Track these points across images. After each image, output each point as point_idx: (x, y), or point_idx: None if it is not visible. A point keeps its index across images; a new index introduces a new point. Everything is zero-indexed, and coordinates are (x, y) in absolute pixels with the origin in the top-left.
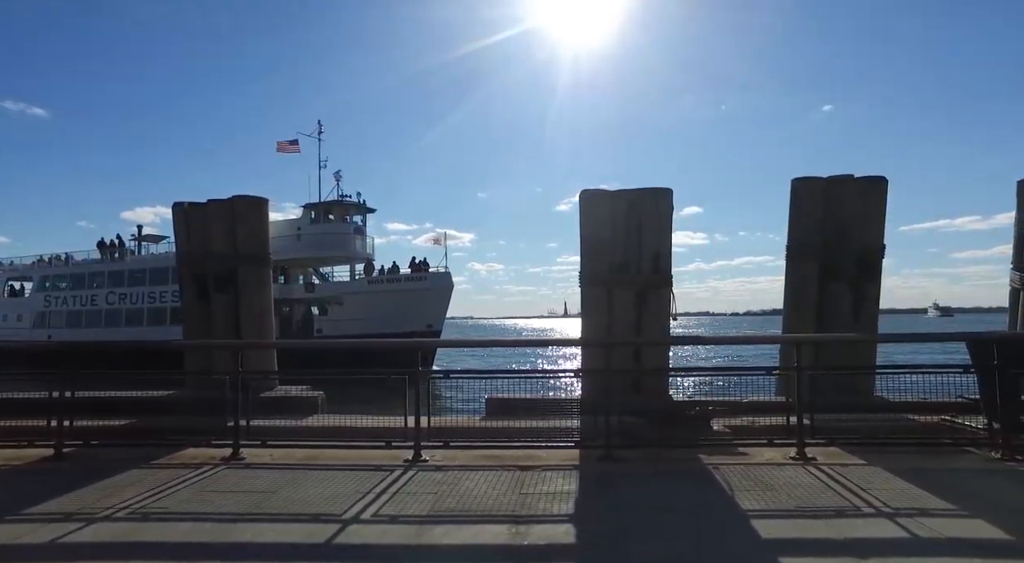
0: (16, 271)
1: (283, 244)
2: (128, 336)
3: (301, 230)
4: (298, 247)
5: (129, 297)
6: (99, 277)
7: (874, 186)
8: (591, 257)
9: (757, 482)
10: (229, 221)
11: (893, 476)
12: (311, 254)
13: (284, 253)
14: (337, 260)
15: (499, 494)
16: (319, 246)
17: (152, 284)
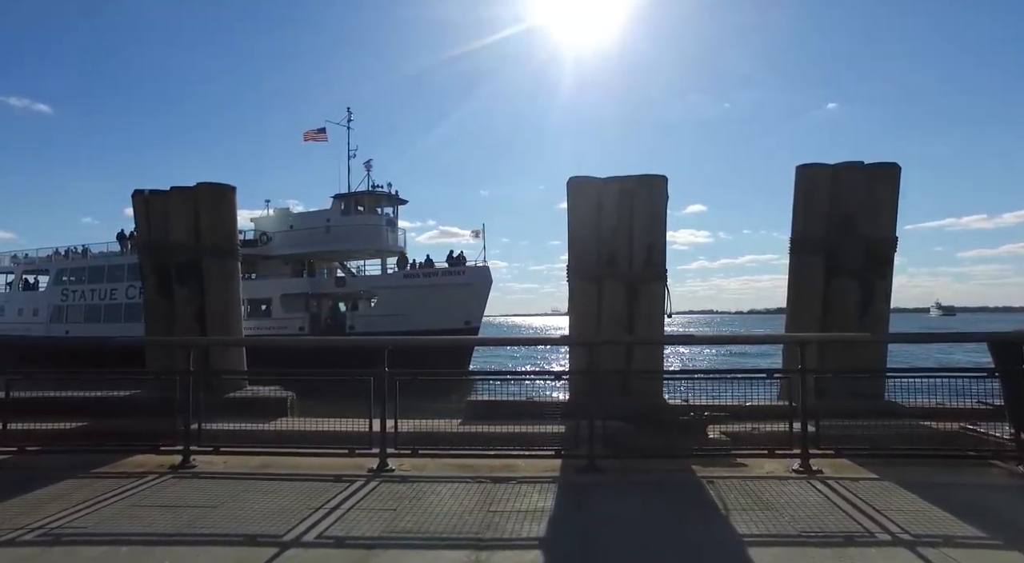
0: (32, 264)
1: (311, 237)
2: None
3: (330, 222)
4: (327, 240)
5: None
6: (119, 271)
7: (885, 173)
8: (579, 249)
9: (756, 500)
10: (193, 210)
11: (910, 494)
12: (341, 247)
13: (312, 246)
14: (368, 254)
15: (465, 511)
16: (349, 239)
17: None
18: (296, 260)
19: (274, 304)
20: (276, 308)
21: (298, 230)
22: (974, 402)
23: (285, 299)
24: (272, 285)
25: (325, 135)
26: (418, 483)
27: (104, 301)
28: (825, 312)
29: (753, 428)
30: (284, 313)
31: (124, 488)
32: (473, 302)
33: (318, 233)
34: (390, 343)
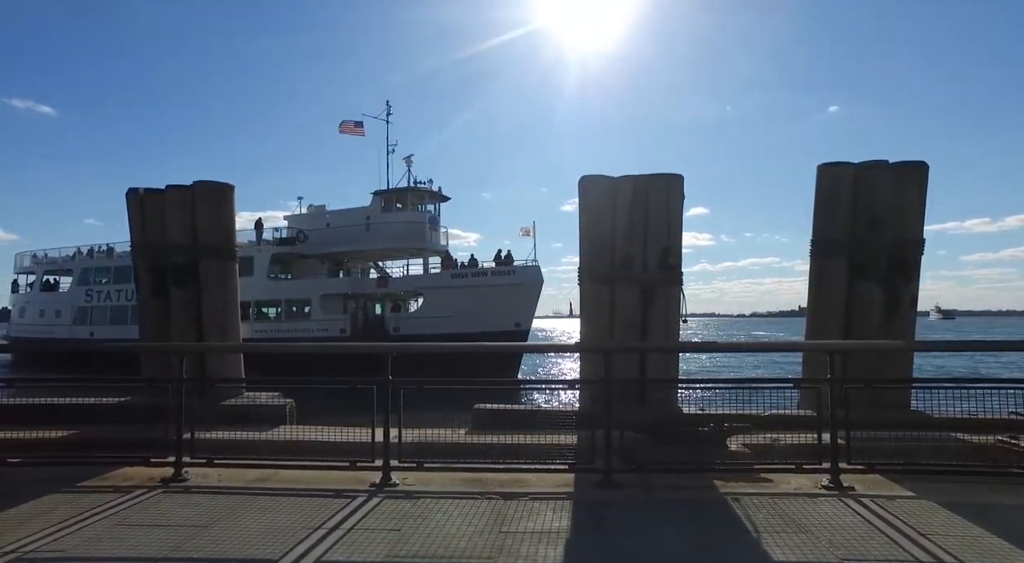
0: (54, 264)
1: (350, 235)
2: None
3: (370, 219)
4: (367, 238)
5: None
6: None
7: (912, 172)
8: (591, 250)
9: (788, 520)
10: (189, 209)
11: (955, 516)
12: (381, 246)
13: (351, 244)
14: (410, 253)
15: (474, 532)
16: (390, 237)
17: None
18: (333, 259)
19: (313, 305)
20: (316, 309)
21: (336, 228)
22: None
23: (325, 300)
24: (311, 285)
25: (362, 129)
26: (423, 499)
27: (131, 302)
28: (848, 318)
29: (774, 439)
30: (324, 315)
31: (110, 504)
32: (523, 303)
33: (357, 231)
34: (393, 349)
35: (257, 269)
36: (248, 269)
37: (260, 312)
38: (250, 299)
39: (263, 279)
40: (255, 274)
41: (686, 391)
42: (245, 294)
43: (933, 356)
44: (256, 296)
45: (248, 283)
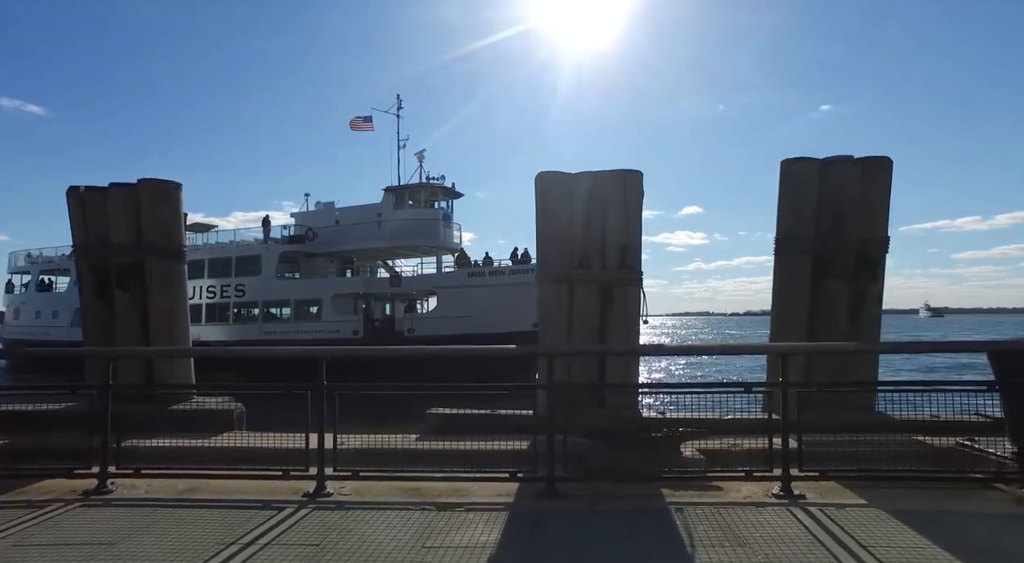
0: (51, 263)
1: (361, 232)
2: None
3: (382, 217)
4: (378, 236)
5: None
6: None
7: (877, 168)
8: (548, 249)
9: (728, 533)
10: (134, 208)
11: (903, 525)
12: (393, 244)
13: (362, 242)
14: (422, 251)
15: (396, 548)
16: (403, 235)
17: (212, 277)
18: (342, 258)
19: (324, 306)
20: (327, 310)
21: (345, 226)
22: (972, 415)
23: (337, 300)
24: (322, 285)
25: (371, 124)
26: (353, 511)
27: None
28: (813, 317)
29: (733, 444)
30: (336, 316)
31: (15, 521)
32: None
33: (368, 229)
34: (329, 353)
35: (265, 268)
36: (255, 268)
37: (269, 312)
38: (258, 299)
39: (271, 278)
40: (263, 273)
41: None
42: (253, 294)
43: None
44: (264, 296)
45: (256, 283)
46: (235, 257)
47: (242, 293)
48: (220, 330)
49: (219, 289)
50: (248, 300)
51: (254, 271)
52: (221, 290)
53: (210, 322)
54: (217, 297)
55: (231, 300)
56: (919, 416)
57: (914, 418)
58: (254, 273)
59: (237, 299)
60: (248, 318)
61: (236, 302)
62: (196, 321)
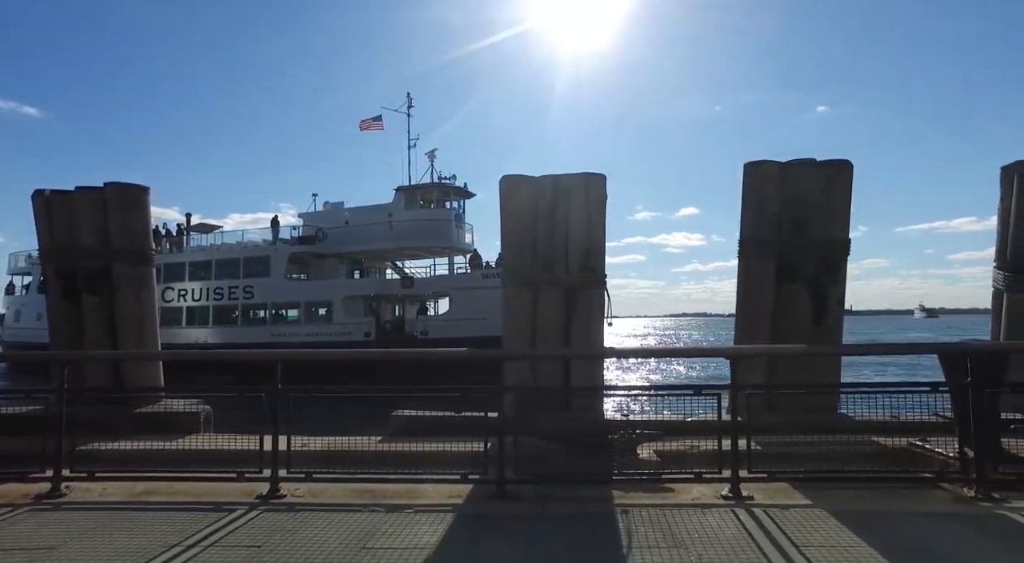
0: None
1: (372, 233)
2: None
3: (393, 217)
4: (389, 236)
5: (190, 293)
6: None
7: (837, 171)
8: (513, 253)
9: (667, 534)
10: (101, 212)
11: (839, 525)
12: (405, 244)
13: (373, 243)
14: (435, 252)
15: (336, 548)
16: (414, 235)
17: (219, 278)
18: (350, 258)
19: (335, 307)
20: (338, 312)
21: (355, 226)
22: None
23: (348, 302)
24: (332, 286)
25: (381, 123)
26: (303, 512)
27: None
28: (776, 319)
29: (692, 446)
30: (347, 317)
31: None
32: None
33: (379, 229)
34: (282, 356)
35: (274, 269)
36: (264, 269)
37: (278, 314)
38: (267, 300)
39: (280, 279)
40: (272, 274)
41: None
42: (261, 295)
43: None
44: (273, 297)
45: (265, 284)
46: (243, 258)
47: (250, 295)
48: (227, 332)
49: (226, 290)
50: (256, 302)
51: (263, 272)
52: (229, 291)
53: (217, 324)
54: (224, 298)
55: (239, 302)
56: (879, 417)
57: (872, 419)
58: (263, 274)
59: (245, 301)
60: (256, 320)
61: (244, 304)
62: (203, 323)
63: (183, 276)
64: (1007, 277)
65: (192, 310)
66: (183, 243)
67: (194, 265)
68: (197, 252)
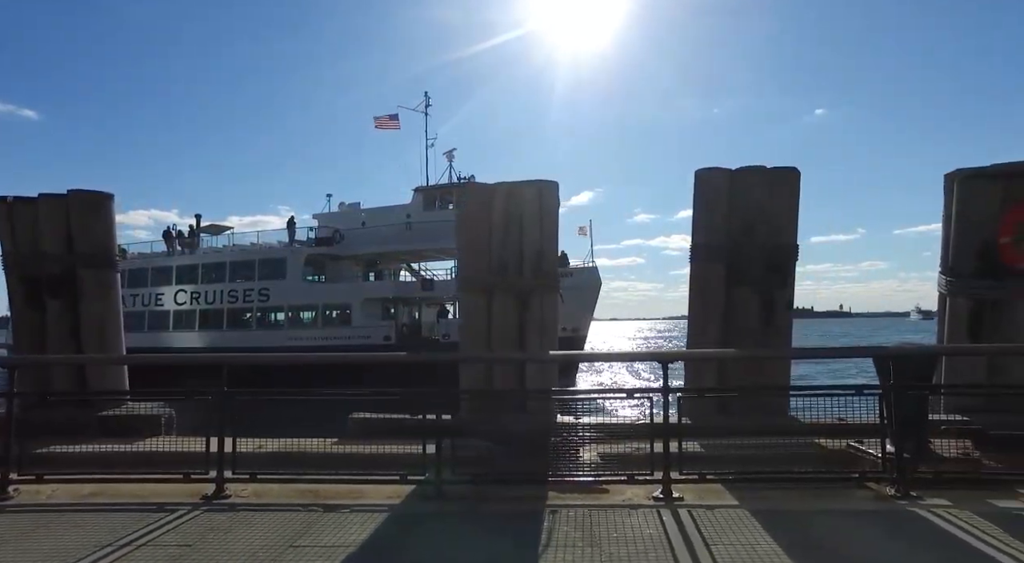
0: None
1: (390, 234)
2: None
3: (411, 218)
4: (408, 238)
5: (204, 296)
6: (164, 273)
7: (785, 178)
8: (468, 258)
9: (587, 533)
10: (64, 219)
11: (755, 524)
12: (424, 246)
13: (391, 245)
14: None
15: (264, 547)
16: (434, 236)
17: (233, 280)
18: (366, 260)
19: (354, 311)
20: (357, 315)
21: (372, 227)
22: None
23: (367, 305)
24: (351, 289)
25: (397, 122)
26: (243, 512)
27: (148, 308)
28: (726, 323)
29: (638, 449)
30: (366, 321)
31: None
32: (580, 307)
33: (397, 230)
34: (228, 359)
35: (291, 271)
36: (280, 272)
37: (297, 317)
38: (283, 303)
39: (298, 282)
40: (288, 277)
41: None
42: (278, 298)
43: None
44: (290, 300)
45: (281, 286)
46: (258, 259)
47: (266, 297)
48: (242, 336)
49: (241, 293)
50: (272, 304)
51: (279, 274)
52: (243, 294)
53: (232, 328)
54: (239, 301)
55: (254, 304)
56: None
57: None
58: (279, 276)
59: (261, 303)
60: (272, 324)
61: (259, 307)
62: (217, 326)
63: (196, 278)
64: (948, 282)
65: (206, 313)
66: (195, 245)
67: (207, 267)
68: (210, 254)
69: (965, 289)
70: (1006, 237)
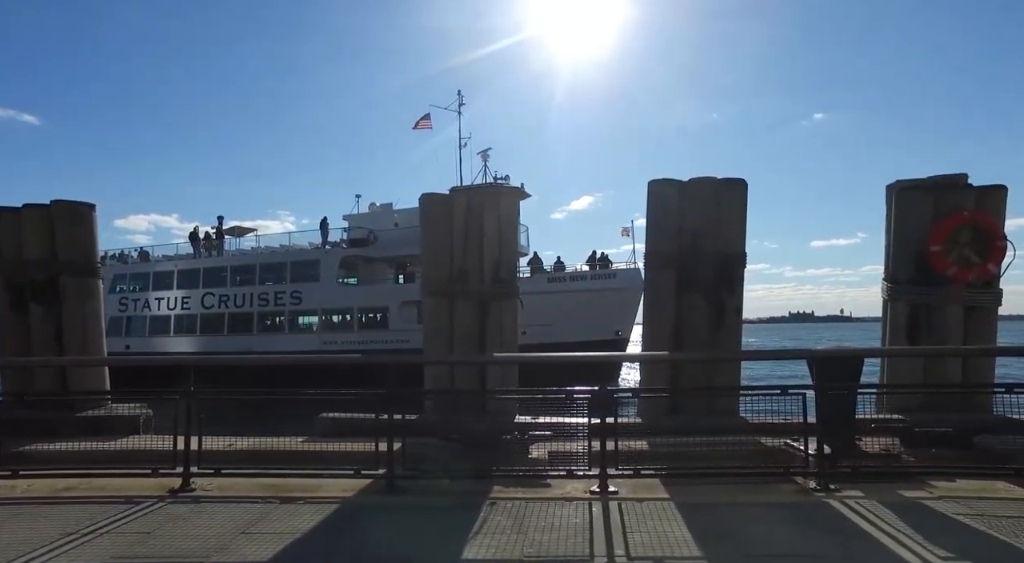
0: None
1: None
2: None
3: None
4: None
5: (233, 299)
6: (192, 276)
7: (732, 188)
8: (431, 265)
9: (518, 522)
10: (48, 228)
11: (677, 515)
12: None
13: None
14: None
15: (218, 535)
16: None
17: (264, 283)
18: (398, 262)
19: (391, 313)
20: (394, 318)
21: (405, 228)
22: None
23: (404, 308)
24: (388, 291)
25: (429, 121)
26: (204, 504)
27: (174, 311)
28: (678, 328)
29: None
30: (403, 324)
31: None
32: (623, 310)
33: None
34: (194, 361)
35: (324, 273)
36: (313, 274)
37: (331, 321)
38: (317, 306)
39: (332, 284)
40: (322, 279)
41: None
42: (311, 301)
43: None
44: (324, 303)
45: (314, 289)
46: (290, 262)
47: (298, 300)
48: (273, 340)
49: (272, 296)
50: (305, 308)
51: (312, 276)
52: (275, 297)
53: (263, 332)
54: (270, 304)
55: (285, 308)
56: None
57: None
58: (312, 279)
59: (293, 307)
60: (304, 327)
61: (292, 310)
62: (246, 331)
63: (224, 281)
64: (889, 288)
65: (235, 317)
66: (221, 247)
67: (236, 269)
68: (239, 256)
69: (903, 294)
70: (936, 246)
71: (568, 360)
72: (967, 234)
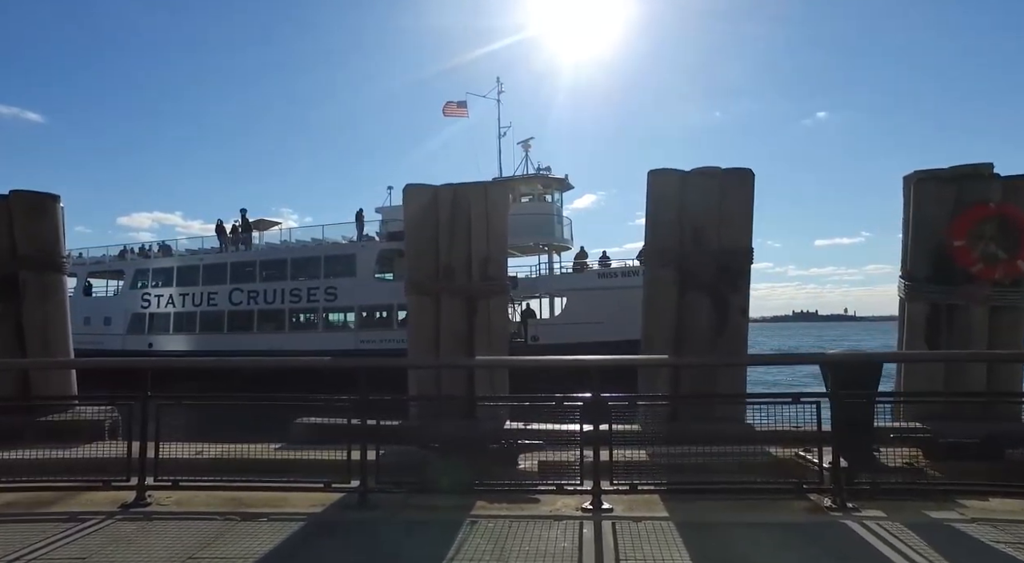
0: (102, 264)
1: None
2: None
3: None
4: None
5: (262, 295)
6: (218, 271)
7: (738, 179)
8: (415, 261)
9: (498, 545)
10: (6, 221)
11: (677, 537)
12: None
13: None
14: (534, 249)
15: (162, 559)
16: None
17: (295, 278)
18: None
19: None
20: None
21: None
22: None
23: None
24: None
25: (465, 110)
26: (156, 522)
27: (200, 308)
28: (678, 329)
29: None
30: None
31: None
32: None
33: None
34: (152, 365)
35: (361, 268)
36: (349, 269)
37: (371, 317)
38: (353, 303)
39: (370, 280)
40: (358, 274)
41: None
42: (347, 297)
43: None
44: (361, 300)
45: (350, 285)
46: (324, 256)
47: (333, 297)
48: (306, 338)
49: (304, 292)
50: (341, 304)
51: (348, 272)
52: (308, 293)
53: (295, 330)
54: (303, 301)
55: (319, 304)
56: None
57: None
58: (347, 274)
59: (327, 303)
60: (339, 325)
61: (326, 307)
62: (278, 328)
63: (254, 277)
64: (906, 286)
65: (265, 314)
66: (250, 241)
67: (265, 265)
68: (268, 251)
69: (921, 293)
70: (959, 240)
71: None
72: (992, 228)
